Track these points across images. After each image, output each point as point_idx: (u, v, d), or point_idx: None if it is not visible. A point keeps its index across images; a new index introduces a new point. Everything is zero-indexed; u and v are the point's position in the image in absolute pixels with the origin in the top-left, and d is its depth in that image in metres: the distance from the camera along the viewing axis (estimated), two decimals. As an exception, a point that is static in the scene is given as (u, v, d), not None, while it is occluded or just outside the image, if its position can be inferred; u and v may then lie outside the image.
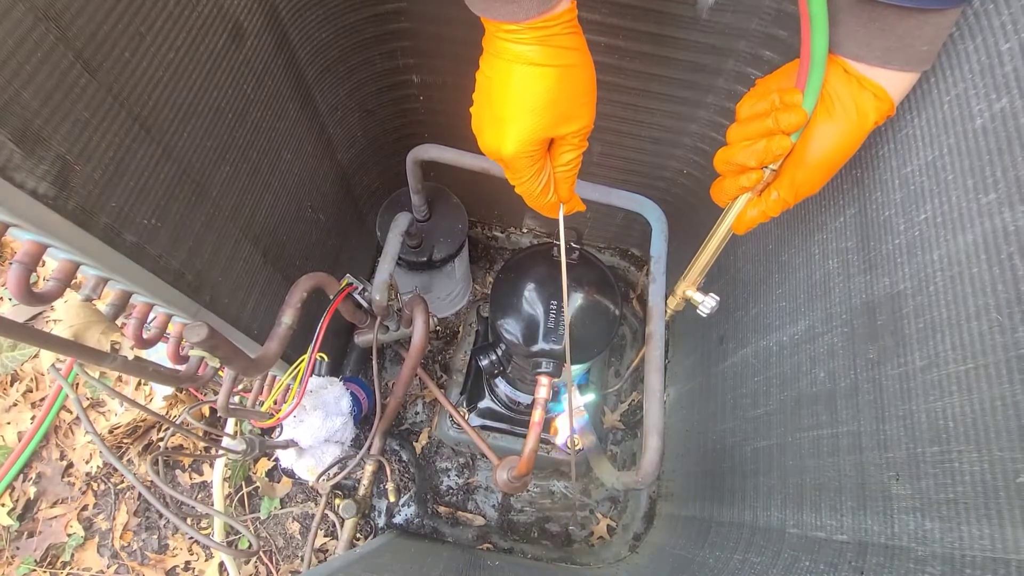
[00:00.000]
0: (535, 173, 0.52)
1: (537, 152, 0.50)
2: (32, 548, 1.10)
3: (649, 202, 0.82)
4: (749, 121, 0.50)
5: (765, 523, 0.67)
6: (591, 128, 0.51)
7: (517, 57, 0.45)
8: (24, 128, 0.37)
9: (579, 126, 0.49)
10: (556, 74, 0.46)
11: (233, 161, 0.62)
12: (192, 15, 0.51)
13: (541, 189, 0.53)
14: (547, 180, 0.53)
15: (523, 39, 0.44)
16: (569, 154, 0.52)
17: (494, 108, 0.48)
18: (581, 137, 0.51)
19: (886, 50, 0.44)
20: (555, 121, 0.48)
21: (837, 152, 0.48)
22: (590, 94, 0.49)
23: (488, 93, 0.48)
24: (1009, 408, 0.38)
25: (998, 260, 0.40)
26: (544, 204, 0.56)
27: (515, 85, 0.46)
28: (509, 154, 0.49)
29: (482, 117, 0.50)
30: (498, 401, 1.06)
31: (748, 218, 0.55)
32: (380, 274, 0.81)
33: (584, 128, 0.50)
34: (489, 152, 0.51)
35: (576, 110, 0.48)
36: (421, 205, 0.94)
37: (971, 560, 0.40)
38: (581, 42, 0.47)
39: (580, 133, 0.50)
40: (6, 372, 1.20)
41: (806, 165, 0.49)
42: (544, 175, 0.53)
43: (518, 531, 1.11)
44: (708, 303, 0.64)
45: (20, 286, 0.41)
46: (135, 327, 0.54)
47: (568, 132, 0.50)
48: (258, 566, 1.10)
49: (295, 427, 0.80)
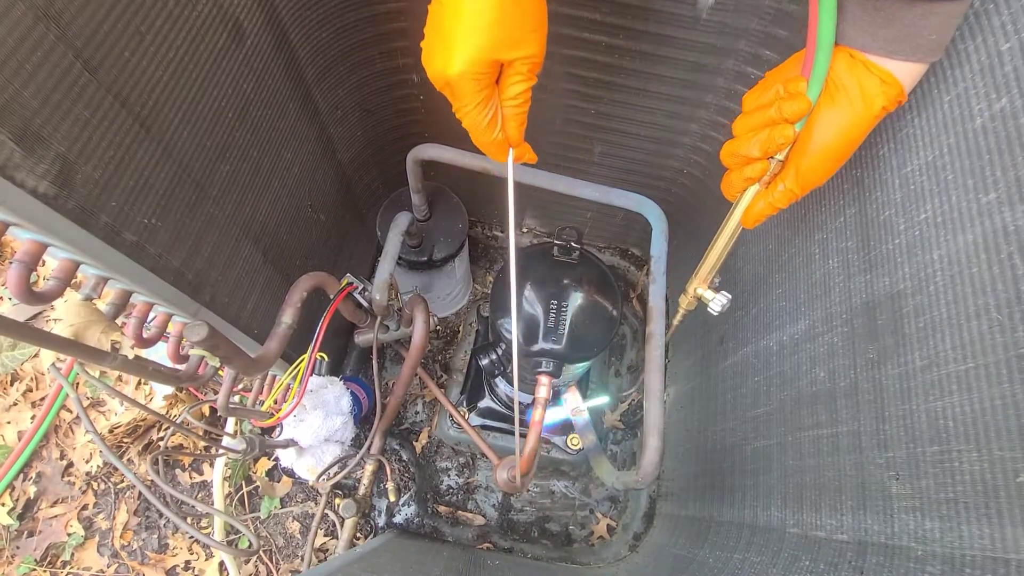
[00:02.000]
0: (482, 101, 0.51)
1: (484, 76, 0.49)
2: (32, 547, 1.10)
3: (649, 202, 0.82)
4: (754, 112, 0.50)
5: (765, 523, 0.67)
6: (540, 61, 0.50)
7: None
8: (24, 127, 0.37)
9: (527, 52, 0.49)
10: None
11: (233, 160, 0.62)
12: (192, 14, 0.51)
13: (488, 122, 0.52)
14: (494, 114, 0.52)
15: None
16: (518, 86, 0.51)
17: (443, 31, 0.48)
18: (530, 66, 0.50)
19: (891, 40, 0.44)
20: (502, 42, 0.47)
21: (842, 140, 0.48)
22: (540, 23, 0.48)
23: (439, 18, 0.48)
24: (1009, 407, 0.38)
25: (998, 260, 0.40)
26: (491, 142, 0.54)
27: (464, 4, 0.46)
28: (455, 74, 0.48)
29: (432, 44, 0.50)
30: (498, 401, 1.07)
31: (756, 211, 0.54)
32: (380, 274, 0.81)
33: (532, 57, 0.49)
34: (436, 78, 0.50)
35: (525, 35, 0.48)
36: (421, 205, 0.94)
37: (971, 559, 0.40)
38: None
39: (528, 61, 0.49)
40: (6, 371, 1.20)
41: (811, 154, 0.49)
42: (491, 107, 0.52)
43: (518, 531, 1.11)
44: (719, 300, 0.63)
45: (20, 285, 0.41)
46: (135, 326, 0.54)
47: (516, 57, 0.49)
48: (258, 565, 1.10)
49: (295, 426, 0.80)
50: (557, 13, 0.72)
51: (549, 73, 0.82)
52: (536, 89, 0.52)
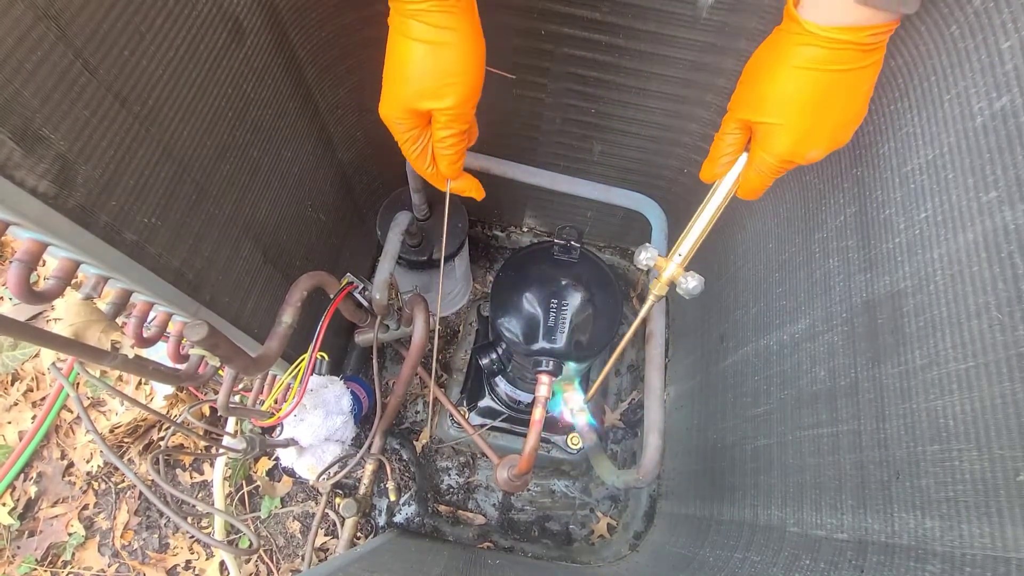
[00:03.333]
0: (409, 139, 0.55)
1: (405, 120, 0.53)
2: (33, 547, 1.10)
3: (649, 201, 0.82)
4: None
5: (765, 521, 0.67)
6: (462, 111, 0.52)
7: (392, 25, 0.49)
8: (24, 127, 0.37)
9: (445, 105, 0.51)
10: (421, 49, 0.48)
11: (233, 160, 0.62)
12: (192, 14, 0.51)
13: (417, 156, 0.56)
14: (423, 149, 0.56)
15: (399, 9, 0.48)
16: (442, 131, 0.53)
17: (383, 73, 0.52)
18: (450, 117, 0.52)
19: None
20: (417, 94, 0.50)
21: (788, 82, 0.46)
22: (460, 75, 0.50)
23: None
24: (1009, 406, 0.38)
25: (998, 258, 0.40)
26: (425, 172, 0.58)
27: (390, 52, 0.50)
28: (382, 115, 0.54)
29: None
30: (498, 400, 1.07)
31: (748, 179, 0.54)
32: (380, 273, 0.81)
33: (451, 108, 0.51)
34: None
35: (440, 89, 0.50)
36: (421, 204, 0.94)
37: (971, 558, 0.40)
38: (461, 23, 0.48)
39: (448, 112, 0.51)
40: (7, 371, 1.20)
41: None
42: (419, 144, 0.55)
43: (518, 530, 1.11)
44: (690, 282, 0.59)
45: (20, 285, 0.41)
46: (135, 326, 0.54)
47: (435, 108, 0.51)
48: (259, 565, 1.10)
49: (295, 426, 0.80)
50: (557, 13, 0.72)
51: (549, 73, 0.82)
52: (536, 89, 0.52)
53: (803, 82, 0.44)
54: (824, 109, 0.45)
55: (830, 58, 0.43)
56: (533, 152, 1.00)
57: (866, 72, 0.44)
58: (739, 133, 0.52)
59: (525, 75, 0.83)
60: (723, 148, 0.53)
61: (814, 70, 0.44)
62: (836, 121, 0.46)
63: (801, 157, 0.48)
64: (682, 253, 0.59)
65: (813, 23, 0.42)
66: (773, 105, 0.47)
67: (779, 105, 0.46)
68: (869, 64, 0.44)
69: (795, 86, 0.45)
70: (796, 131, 0.47)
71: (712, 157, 0.55)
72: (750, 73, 0.49)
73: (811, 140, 0.47)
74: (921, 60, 0.48)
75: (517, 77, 0.83)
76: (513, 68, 0.82)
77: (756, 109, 0.48)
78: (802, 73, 0.44)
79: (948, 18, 0.45)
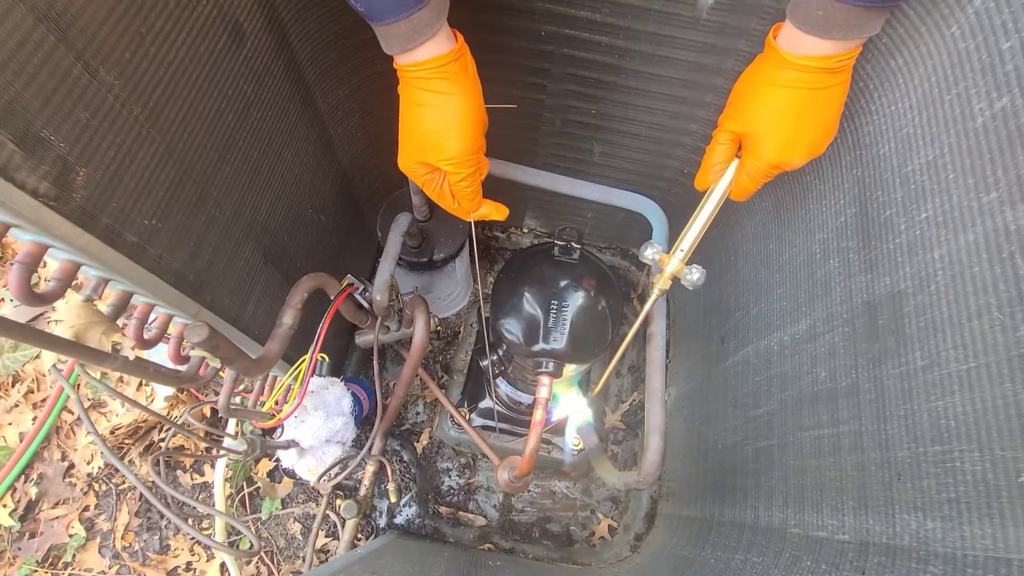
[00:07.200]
0: (427, 182, 0.62)
1: (419, 168, 0.60)
2: (34, 549, 1.10)
3: (649, 202, 0.82)
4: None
5: (767, 523, 0.67)
6: (466, 158, 0.58)
7: (401, 93, 0.56)
8: (25, 129, 0.37)
9: (447, 156, 0.57)
10: (417, 112, 0.55)
11: (234, 162, 0.62)
12: (192, 16, 0.51)
13: (438, 196, 0.63)
14: (441, 191, 0.62)
15: (405, 79, 0.54)
16: (452, 177, 0.60)
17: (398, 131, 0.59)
18: (455, 165, 0.58)
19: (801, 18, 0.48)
20: (421, 150, 0.58)
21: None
22: (457, 129, 0.56)
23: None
24: (1011, 407, 0.38)
25: (999, 259, 0.40)
26: (450, 208, 0.65)
27: (400, 114, 0.57)
28: (400, 167, 0.61)
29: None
30: (499, 401, 1.06)
31: (740, 183, 0.59)
32: (381, 274, 0.81)
33: (454, 158, 0.57)
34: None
35: (442, 143, 0.56)
36: (421, 205, 0.94)
37: (973, 560, 0.40)
38: (456, 86, 0.54)
39: (452, 161, 0.58)
40: (8, 373, 1.21)
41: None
42: (437, 185, 0.62)
43: (519, 531, 1.11)
44: (694, 274, 0.63)
45: (21, 287, 0.41)
46: (136, 327, 0.54)
47: (439, 160, 0.58)
48: (259, 566, 1.10)
49: (296, 427, 0.80)
50: (557, 13, 0.72)
51: (549, 74, 0.83)
52: (536, 90, 0.53)
53: (784, 98, 0.51)
54: (803, 120, 0.52)
55: (804, 79, 0.50)
56: (533, 153, 1.00)
57: (836, 90, 0.51)
58: (728, 144, 0.58)
59: (525, 76, 0.83)
60: (715, 159, 0.59)
61: (792, 88, 0.51)
62: (813, 130, 0.53)
63: (787, 163, 0.54)
64: (684, 248, 0.63)
65: (788, 52, 0.50)
66: (760, 117, 0.53)
67: (765, 117, 0.53)
68: (837, 83, 0.50)
69: (778, 100, 0.52)
70: (780, 139, 0.53)
71: (705, 167, 0.60)
72: (738, 93, 0.56)
73: (794, 147, 0.53)
74: (921, 60, 0.48)
75: (517, 78, 0.83)
76: (513, 68, 0.82)
77: (746, 122, 0.55)
78: (783, 91, 0.51)
79: (948, 19, 0.45)
